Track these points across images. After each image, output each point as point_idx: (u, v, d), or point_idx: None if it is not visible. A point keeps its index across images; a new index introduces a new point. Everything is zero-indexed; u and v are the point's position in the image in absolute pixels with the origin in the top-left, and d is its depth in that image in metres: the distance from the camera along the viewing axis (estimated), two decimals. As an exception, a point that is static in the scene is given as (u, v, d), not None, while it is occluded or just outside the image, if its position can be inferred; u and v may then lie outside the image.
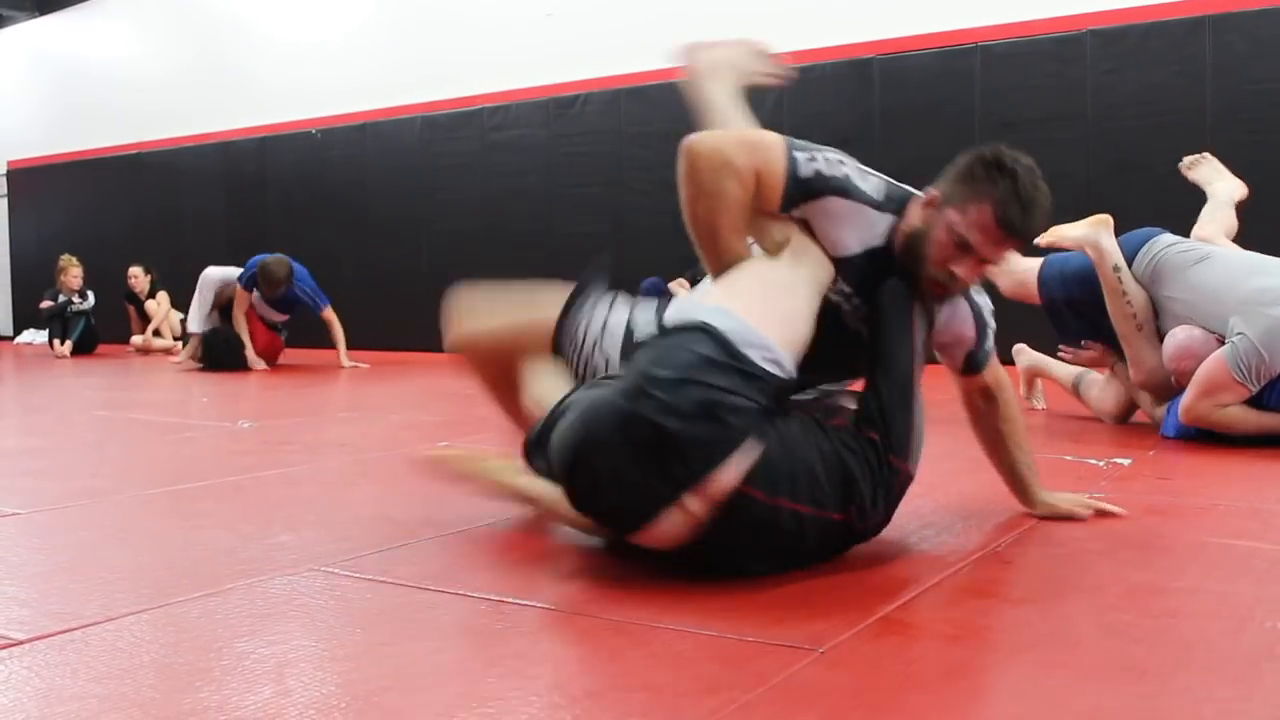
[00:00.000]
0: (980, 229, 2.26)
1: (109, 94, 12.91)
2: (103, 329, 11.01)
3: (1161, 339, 3.95)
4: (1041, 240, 3.66)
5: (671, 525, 2.00)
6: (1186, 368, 3.79)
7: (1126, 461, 3.53)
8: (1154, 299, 3.97)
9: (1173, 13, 7.05)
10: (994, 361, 2.63)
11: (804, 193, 2.30)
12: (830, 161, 2.34)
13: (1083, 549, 2.38)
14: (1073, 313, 4.30)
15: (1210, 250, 3.96)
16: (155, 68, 12.47)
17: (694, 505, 1.97)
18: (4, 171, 14.32)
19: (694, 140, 2.31)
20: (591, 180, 9.09)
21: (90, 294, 10.91)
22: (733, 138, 2.35)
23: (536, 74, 9.51)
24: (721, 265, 2.31)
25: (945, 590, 2.07)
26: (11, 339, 13.87)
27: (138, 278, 10.83)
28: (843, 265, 2.34)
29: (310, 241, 10.69)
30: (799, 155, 2.32)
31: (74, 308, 10.82)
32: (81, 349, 10.75)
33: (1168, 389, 4.01)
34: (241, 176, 11.44)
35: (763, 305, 2.15)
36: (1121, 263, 3.95)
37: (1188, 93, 6.93)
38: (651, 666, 1.66)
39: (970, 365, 2.62)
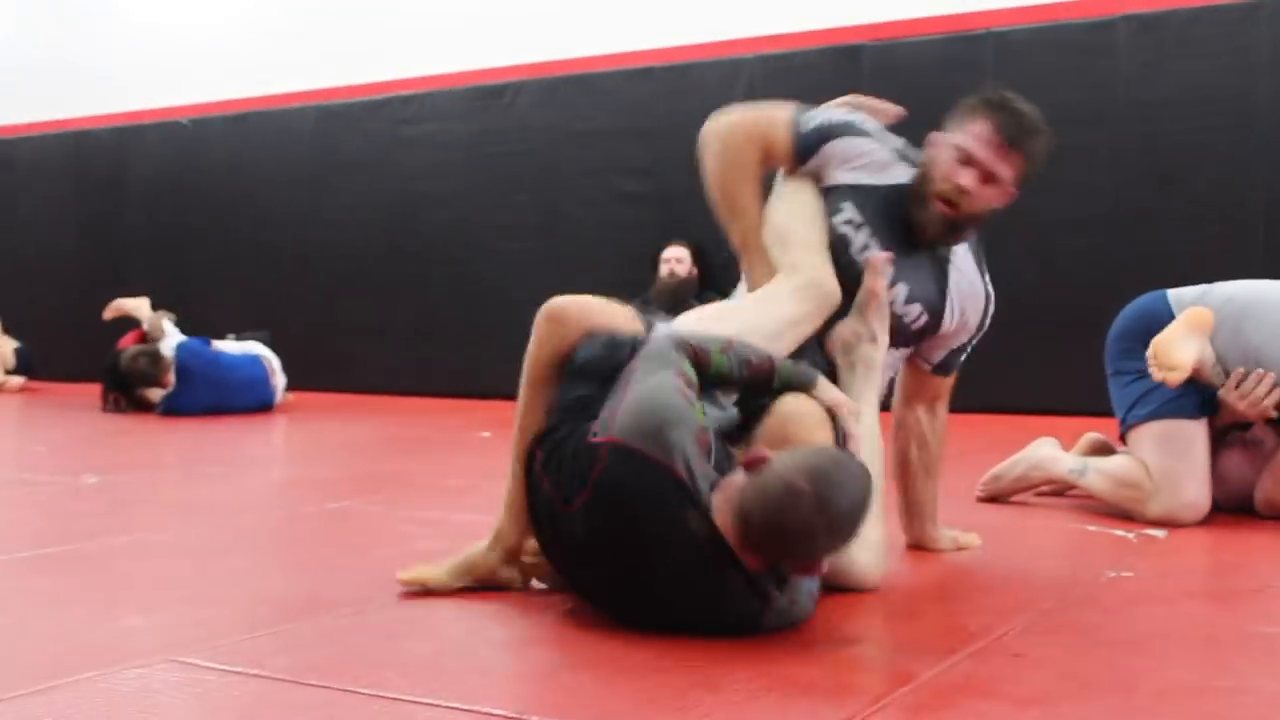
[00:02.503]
0: (979, 139, 2.89)
1: (-68, 71, 12.81)
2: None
3: None
4: (1169, 380, 3.67)
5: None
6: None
7: (1161, 534, 3.56)
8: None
9: (1220, -4, 7.19)
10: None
11: (811, 144, 3.01)
12: (835, 114, 3.07)
13: (1107, 639, 2.39)
14: None
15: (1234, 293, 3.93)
16: (-10, 40, 12.39)
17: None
18: None
19: (711, 122, 3.11)
20: (523, 185, 9.09)
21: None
22: (743, 114, 3.11)
23: (458, 58, 9.51)
24: (743, 231, 3.05)
25: (937, 690, 2.07)
26: None
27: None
28: (854, 192, 2.97)
29: (179, 253, 10.59)
30: (801, 117, 3.04)
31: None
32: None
33: None
34: (96, 174, 11.35)
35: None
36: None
37: (1238, 89, 7.05)
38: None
39: (947, 365, 3.05)
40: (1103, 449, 4.20)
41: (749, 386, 2.65)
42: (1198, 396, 3.80)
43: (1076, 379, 6.91)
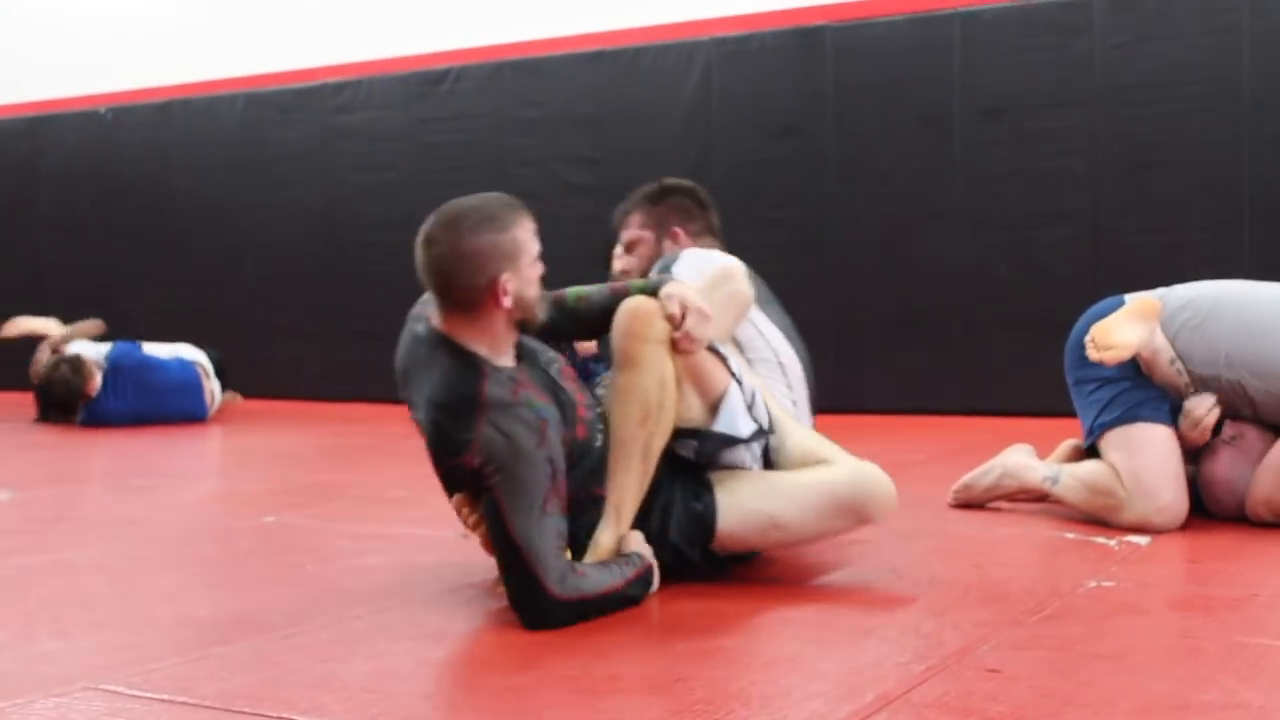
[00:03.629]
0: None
1: None
2: None
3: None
4: (1105, 359, 3.73)
5: None
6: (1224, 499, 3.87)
7: (1144, 541, 3.59)
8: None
9: (1199, -27, 7.25)
10: None
11: None
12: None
13: (1088, 653, 2.41)
14: None
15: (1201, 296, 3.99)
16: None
17: None
18: None
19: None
20: (466, 177, 9.05)
21: None
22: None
23: (396, 41, 9.49)
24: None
25: (910, 709, 2.08)
26: None
27: None
28: None
29: (98, 252, 10.50)
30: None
31: None
32: None
33: None
34: (4, 168, 11.26)
35: None
36: (1174, 354, 3.96)
37: (1220, 70, 7.12)
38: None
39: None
40: (1082, 456, 4.23)
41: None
42: (1165, 402, 3.85)
43: (1056, 379, 6.99)
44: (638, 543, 2.86)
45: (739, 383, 3.06)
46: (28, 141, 11.14)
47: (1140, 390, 3.85)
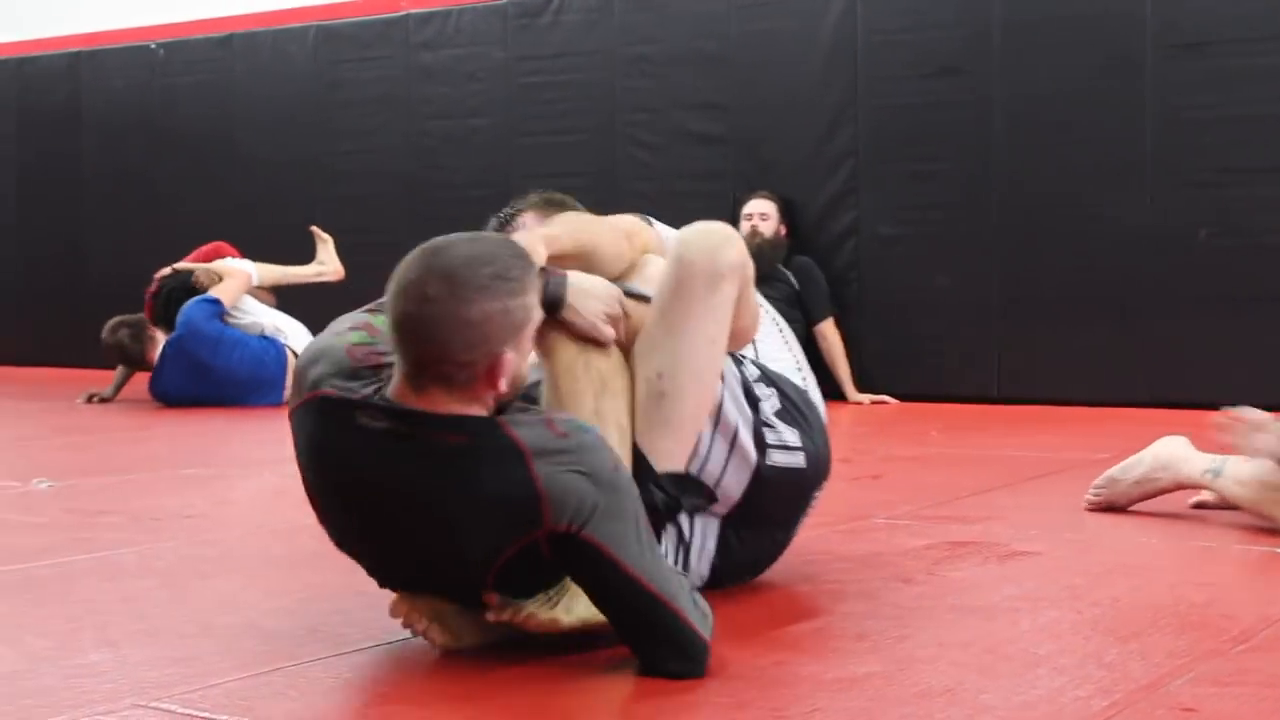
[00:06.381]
0: None
1: None
2: None
3: None
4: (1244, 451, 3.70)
5: None
6: None
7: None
8: None
9: None
10: None
11: None
12: None
13: (1302, 689, 2.37)
14: None
15: None
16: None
17: None
18: None
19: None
20: (570, 125, 9.08)
21: None
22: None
23: (489, -36, 9.52)
24: None
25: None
26: None
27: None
28: None
29: (148, 204, 10.65)
30: None
31: None
32: None
33: None
34: (44, 108, 11.43)
35: None
36: None
37: None
38: None
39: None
40: None
41: None
42: None
43: (1267, 365, 6.88)
44: None
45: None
46: (67, 82, 11.31)
47: None
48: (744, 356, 3.13)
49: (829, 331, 7.85)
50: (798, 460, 3.08)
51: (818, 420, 3.19)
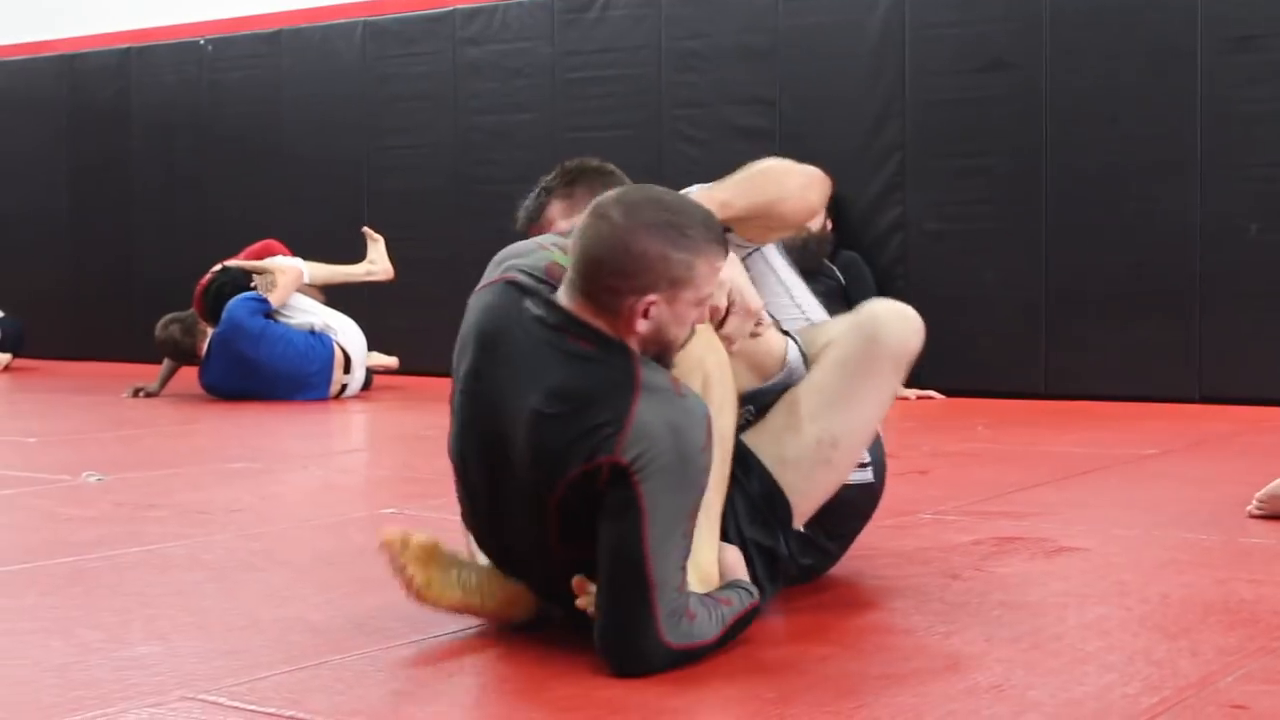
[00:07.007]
0: None
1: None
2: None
3: None
4: None
5: None
6: None
7: None
8: None
9: None
10: None
11: None
12: None
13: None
14: None
15: None
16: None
17: None
18: None
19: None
20: (617, 120, 9.08)
21: None
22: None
23: (536, -41, 9.53)
24: None
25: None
26: None
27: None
28: None
29: (196, 201, 10.69)
30: None
31: None
32: None
33: None
34: (94, 105, 11.49)
35: None
36: None
37: None
38: None
39: None
40: None
41: None
42: None
43: None
44: (736, 563, 2.74)
45: (793, 339, 3.06)
46: (117, 79, 11.36)
47: None
48: None
49: (876, 327, 7.81)
50: (867, 475, 3.11)
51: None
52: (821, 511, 2.99)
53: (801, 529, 2.95)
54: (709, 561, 2.65)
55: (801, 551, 2.96)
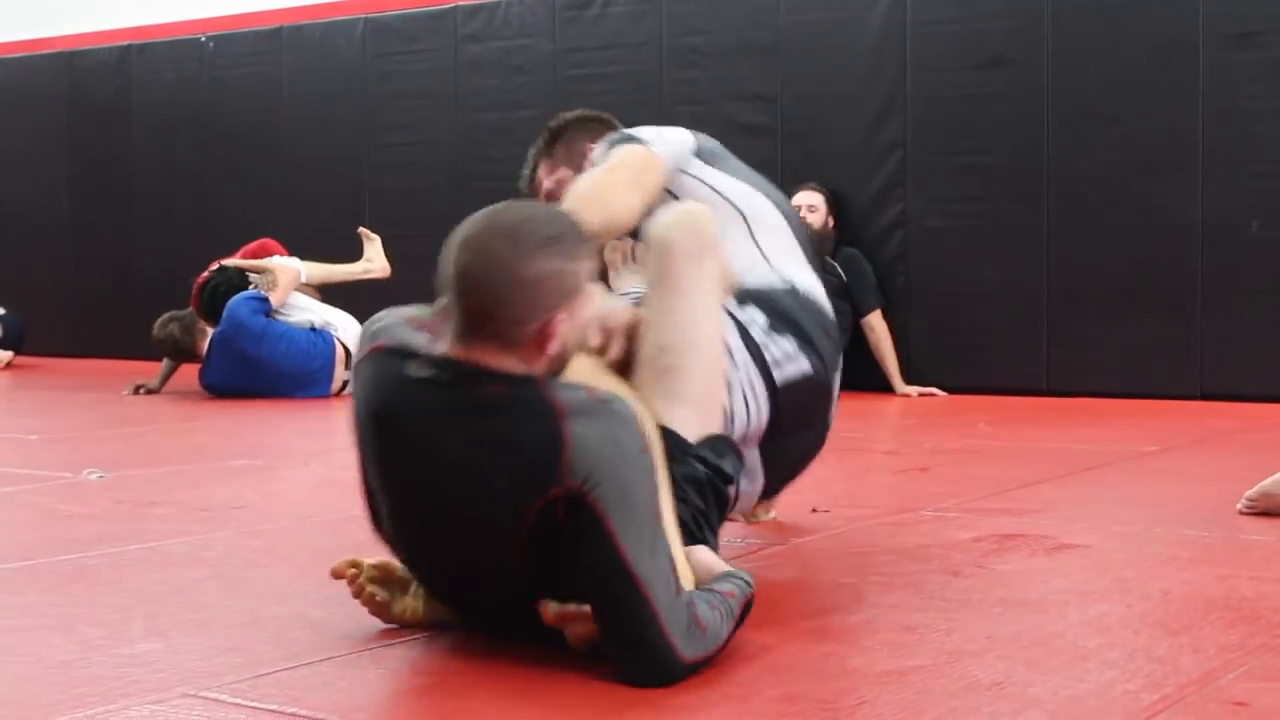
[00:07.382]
0: None
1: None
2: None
3: None
4: None
5: None
6: None
7: None
8: None
9: None
10: None
11: None
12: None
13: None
14: None
15: None
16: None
17: None
18: None
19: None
20: (619, 117, 8.99)
21: None
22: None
23: (537, -44, 9.53)
24: None
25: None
26: None
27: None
28: None
29: (197, 198, 10.70)
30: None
31: None
32: None
33: None
34: (94, 102, 11.49)
35: None
36: None
37: None
38: None
39: None
40: None
41: None
42: None
43: None
44: (710, 561, 2.71)
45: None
46: (118, 76, 11.36)
47: None
48: None
49: (877, 323, 7.82)
50: (803, 366, 3.14)
51: (809, 306, 3.25)
52: (770, 418, 3.08)
53: (722, 444, 2.92)
54: (680, 562, 2.57)
55: (721, 455, 2.89)
